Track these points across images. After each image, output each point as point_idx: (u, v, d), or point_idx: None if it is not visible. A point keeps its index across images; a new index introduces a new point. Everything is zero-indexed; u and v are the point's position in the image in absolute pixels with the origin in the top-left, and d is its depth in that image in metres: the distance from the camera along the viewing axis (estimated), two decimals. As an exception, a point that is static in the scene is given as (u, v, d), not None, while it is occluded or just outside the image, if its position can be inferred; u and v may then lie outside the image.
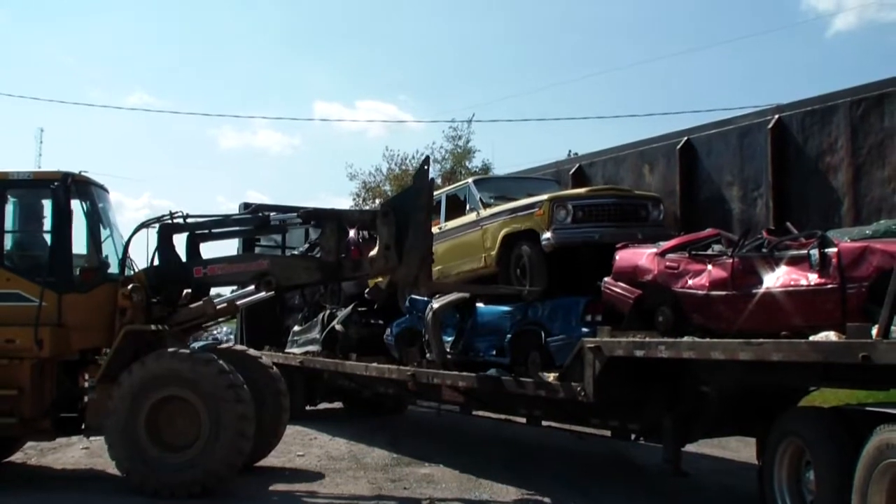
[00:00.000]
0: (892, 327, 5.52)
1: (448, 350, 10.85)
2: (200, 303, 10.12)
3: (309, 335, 14.73)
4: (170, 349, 9.25)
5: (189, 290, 10.18)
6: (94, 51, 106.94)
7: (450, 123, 44.71)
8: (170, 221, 10.05)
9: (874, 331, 5.56)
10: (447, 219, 11.61)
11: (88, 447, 11.96)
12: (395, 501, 8.83)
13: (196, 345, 14.57)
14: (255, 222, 10.70)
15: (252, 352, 11.50)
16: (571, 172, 12.40)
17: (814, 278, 6.65)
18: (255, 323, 16.48)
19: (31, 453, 11.51)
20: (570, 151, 21.83)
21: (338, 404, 16.59)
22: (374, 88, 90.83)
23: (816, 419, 6.43)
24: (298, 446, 12.08)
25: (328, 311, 14.35)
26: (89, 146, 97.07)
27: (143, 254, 10.20)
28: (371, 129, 78.26)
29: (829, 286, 6.52)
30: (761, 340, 6.33)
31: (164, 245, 9.97)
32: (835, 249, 6.61)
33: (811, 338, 6.15)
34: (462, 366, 10.52)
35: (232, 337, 23.21)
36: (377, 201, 34.10)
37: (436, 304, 10.68)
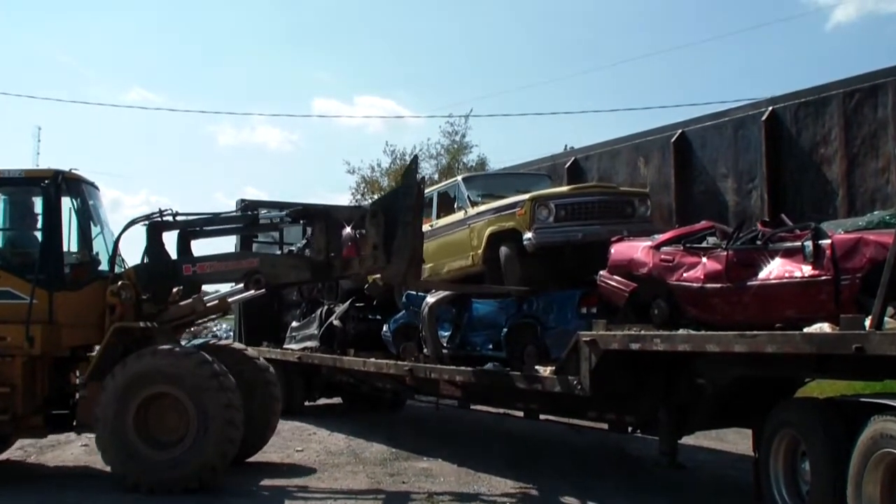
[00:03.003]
0: (886, 318, 5.54)
1: (445, 345, 10.86)
2: (190, 300, 10.13)
3: (307, 331, 14.76)
4: (150, 347, 9.24)
5: (180, 288, 10.19)
6: (91, 48, 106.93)
7: (447, 119, 44.65)
8: (159, 219, 10.05)
9: (867, 322, 5.57)
10: (439, 216, 11.56)
11: (87, 444, 11.96)
12: (393, 495, 8.84)
13: (196, 341, 14.65)
14: (244, 220, 10.68)
15: (236, 345, 11.49)
16: (567, 166, 12.43)
17: (808, 270, 6.65)
18: (254, 319, 16.52)
19: (31, 451, 11.53)
20: (566, 146, 21.85)
21: (337, 400, 16.61)
22: (373, 84, 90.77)
23: (811, 410, 6.44)
24: (297, 442, 12.10)
25: (326, 307, 14.37)
26: (88, 144, 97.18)
27: (135, 252, 10.24)
28: (370, 125, 78.23)
29: (823, 278, 6.52)
30: (755, 333, 6.34)
31: (154, 242, 9.98)
32: (829, 241, 6.61)
33: (805, 329, 6.15)
34: (459, 360, 10.54)
35: (231, 334, 23.22)
36: (375, 196, 34.06)
37: (430, 300, 10.68)
